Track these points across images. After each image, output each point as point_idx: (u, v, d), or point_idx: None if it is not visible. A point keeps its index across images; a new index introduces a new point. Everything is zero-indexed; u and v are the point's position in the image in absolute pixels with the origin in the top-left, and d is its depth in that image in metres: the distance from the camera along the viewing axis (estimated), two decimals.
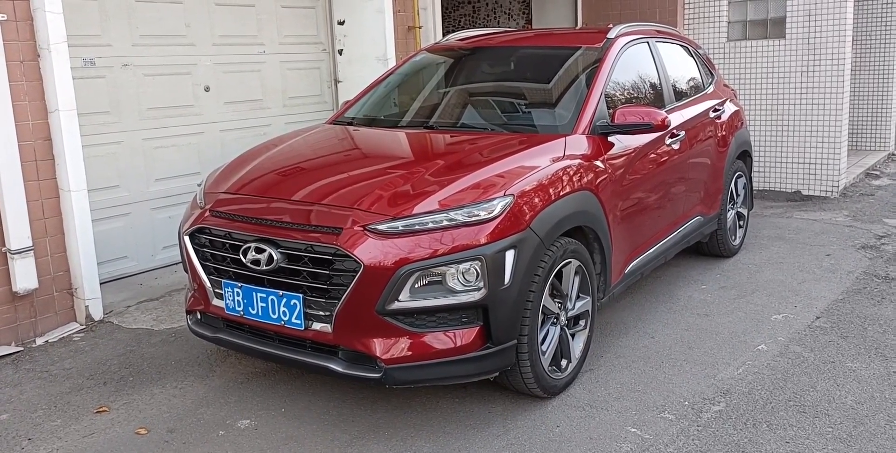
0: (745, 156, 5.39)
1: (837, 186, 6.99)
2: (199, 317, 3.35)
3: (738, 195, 5.28)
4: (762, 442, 2.88)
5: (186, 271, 3.34)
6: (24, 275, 3.89)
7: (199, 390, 3.40)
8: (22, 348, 3.91)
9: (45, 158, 4.00)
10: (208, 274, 3.19)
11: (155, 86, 4.91)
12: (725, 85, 5.51)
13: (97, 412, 3.23)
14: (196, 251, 3.22)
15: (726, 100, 5.20)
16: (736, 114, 5.25)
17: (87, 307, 4.16)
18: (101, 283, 4.28)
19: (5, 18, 3.75)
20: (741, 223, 5.41)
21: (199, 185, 3.61)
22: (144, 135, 4.90)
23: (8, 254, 3.86)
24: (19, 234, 3.86)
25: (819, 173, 7.03)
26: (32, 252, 3.92)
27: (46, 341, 3.99)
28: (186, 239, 3.25)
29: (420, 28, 6.19)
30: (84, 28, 4.50)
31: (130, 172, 4.84)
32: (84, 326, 4.16)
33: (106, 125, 4.68)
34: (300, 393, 3.35)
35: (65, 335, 4.06)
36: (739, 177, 5.28)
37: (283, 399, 3.30)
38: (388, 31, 5.87)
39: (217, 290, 3.16)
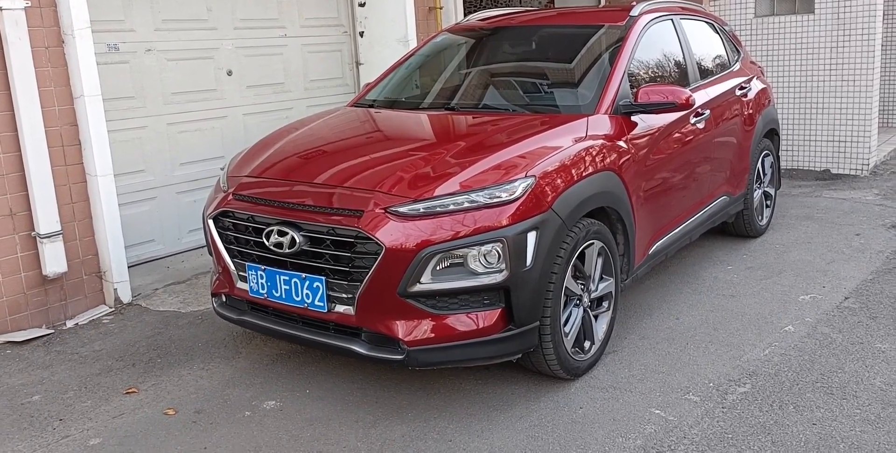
0: (773, 134, 5.30)
1: (867, 165, 6.85)
2: (224, 299, 3.39)
3: (764, 174, 5.20)
4: (788, 424, 2.86)
5: (211, 254, 3.38)
6: (54, 259, 3.96)
7: (226, 371, 3.45)
8: (53, 330, 3.99)
9: (72, 143, 4.05)
10: (232, 257, 3.22)
11: (178, 70, 4.93)
12: (752, 62, 5.40)
13: (126, 393, 3.29)
14: (220, 234, 3.25)
15: (753, 77, 5.10)
16: (763, 92, 5.15)
17: (115, 290, 4.23)
18: (128, 266, 4.35)
19: (29, 5, 3.78)
20: (768, 203, 5.33)
21: (222, 169, 3.64)
22: (168, 119, 4.93)
23: (37, 239, 3.93)
24: (48, 219, 3.92)
25: (849, 151, 6.89)
26: (61, 236, 3.99)
27: (76, 324, 4.07)
28: (210, 222, 3.28)
29: (441, 9, 6.14)
30: (107, 13, 4.52)
31: (155, 157, 4.88)
32: (113, 309, 4.23)
33: (131, 110, 4.72)
34: (324, 374, 3.38)
35: (94, 317, 4.13)
36: (766, 155, 5.19)
37: (308, 380, 3.34)
38: (409, 13, 5.83)
39: (241, 273, 3.19)
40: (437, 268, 2.79)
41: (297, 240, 2.92)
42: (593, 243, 3.21)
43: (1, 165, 3.81)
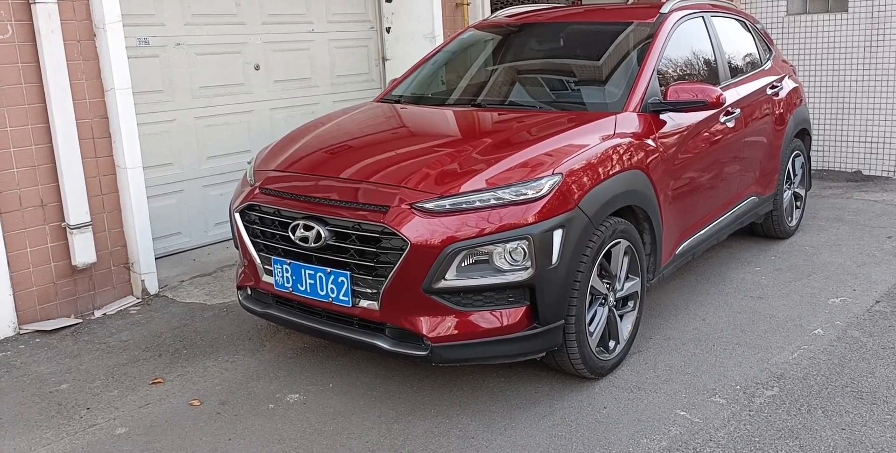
0: (804, 134, 5.22)
1: None
2: (249, 292, 3.41)
3: (795, 175, 5.12)
4: (817, 428, 2.81)
5: (237, 247, 3.40)
6: (83, 250, 4.01)
7: (250, 364, 3.47)
8: (81, 320, 4.04)
9: (102, 136, 4.10)
10: (258, 250, 3.23)
11: (206, 65, 4.97)
12: (784, 61, 5.32)
13: (153, 383, 3.32)
14: (246, 228, 3.27)
15: (784, 76, 5.03)
16: (794, 91, 5.07)
17: (143, 281, 4.28)
18: (156, 258, 4.39)
19: None
20: (798, 204, 5.25)
21: (248, 163, 3.66)
22: (196, 113, 4.97)
23: (67, 229, 3.98)
24: (78, 210, 3.97)
25: (881, 153, 6.76)
26: (90, 227, 4.03)
27: (104, 314, 4.12)
28: (237, 216, 3.30)
29: (468, 5, 6.12)
30: (138, 8, 4.56)
31: (183, 150, 4.93)
32: (140, 300, 4.27)
33: (159, 103, 4.76)
34: (348, 369, 3.39)
35: (122, 308, 4.18)
36: (797, 156, 5.11)
37: (331, 374, 3.35)
38: (436, 9, 5.82)
39: (267, 267, 3.21)
40: (463, 264, 2.79)
41: (323, 235, 2.93)
42: (620, 242, 3.19)
43: (32, 156, 3.86)
